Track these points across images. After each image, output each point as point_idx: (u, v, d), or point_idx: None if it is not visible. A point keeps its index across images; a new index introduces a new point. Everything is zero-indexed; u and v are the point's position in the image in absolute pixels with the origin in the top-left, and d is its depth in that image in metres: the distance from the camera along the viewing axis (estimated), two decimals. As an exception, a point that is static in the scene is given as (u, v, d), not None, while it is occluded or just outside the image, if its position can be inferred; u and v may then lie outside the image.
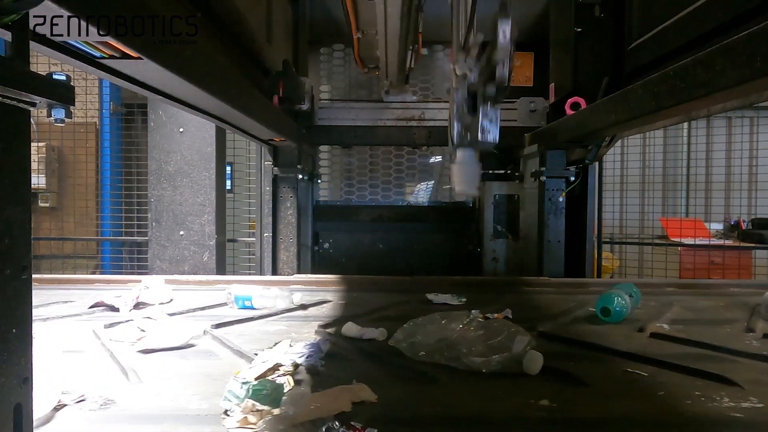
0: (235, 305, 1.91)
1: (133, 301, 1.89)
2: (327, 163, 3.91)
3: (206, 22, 1.83)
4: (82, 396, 1.10)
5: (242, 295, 1.91)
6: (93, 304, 1.90)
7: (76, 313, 1.84)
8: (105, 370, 1.29)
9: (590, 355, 1.45)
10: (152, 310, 1.83)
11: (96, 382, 1.20)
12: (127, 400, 1.11)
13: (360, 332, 1.57)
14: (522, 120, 3.23)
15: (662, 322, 1.76)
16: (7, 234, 0.70)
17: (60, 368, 1.27)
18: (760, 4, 1.44)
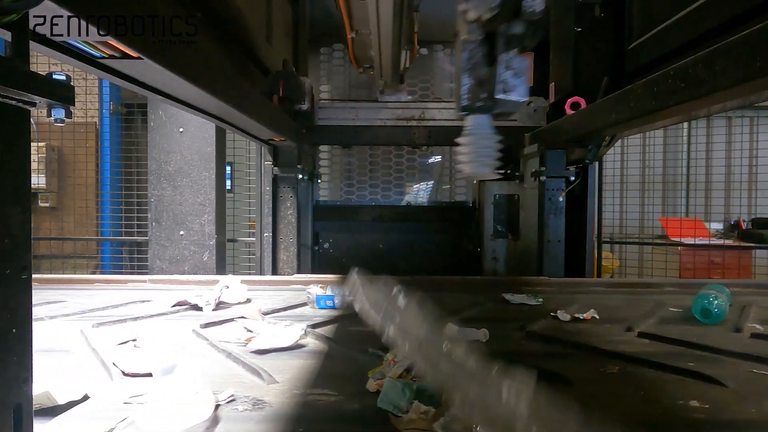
0: (316, 305, 1.91)
1: (215, 301, 1.89)
2: (327, 163, 3.91)
3: (206, 22, 1.83)
4: (232, 396, 1.09)
5: (325, 295, 1.92)
6: (176, 303, 1.91)
7: (161, 312, 1.84)
8: (233, 371, 1.27)
9: (710, 357, 1.40)
10: (247, 310, 1.80)
11: (230, 381, 1.19)
12: (275, 400, 1.10)
13: (463, 334, 1.51)
14: (522, 120, 3.23)
15: (752, 322, 1.72)
16: (7, 234, 0.70)
17: (187, 367, 1.25)
18: (760, 3, 1.44)
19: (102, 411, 1.02)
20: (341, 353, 1.43)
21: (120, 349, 1.39)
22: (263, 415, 1.03)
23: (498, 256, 3.43)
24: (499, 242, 3.42)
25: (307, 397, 1.12)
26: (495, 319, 1.69)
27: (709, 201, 6.40)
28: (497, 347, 1.47)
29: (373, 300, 1.18)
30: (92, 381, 1.17)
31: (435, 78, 3.79)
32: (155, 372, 1.15)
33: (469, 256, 3.55)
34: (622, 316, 1.80)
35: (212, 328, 1.62)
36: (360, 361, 1.34)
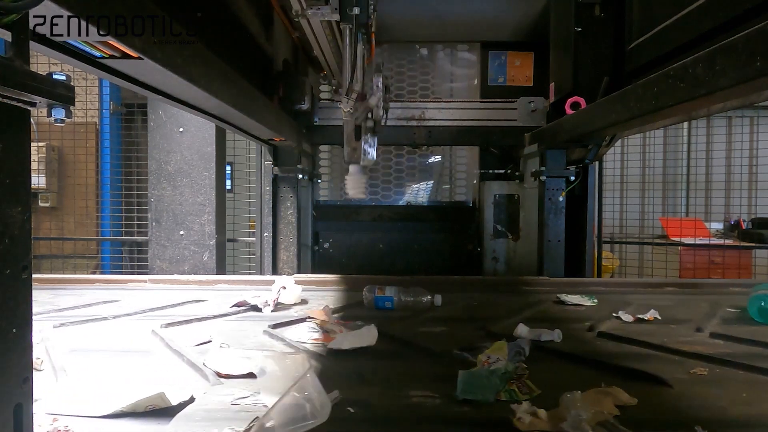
0: (375, 306, 1.93)
1: (274, 302, 1.90)
2: (327, 163, 3.91)
3: (206, 21, 1.83)
4: (336, 396, 1.08)
5: (384, 296, 1.93)
6: (235, 303, 1.93)
7: (223, 313, 1.85)
8: (325, 372, 1.27)
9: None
10: (315, 311, 1.80)
11: (335, 384, 1.18)
12: (379, 402, 1.09)
13: (536, 334, 1.52)
14: (522, 120, 3.23)
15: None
16: (7, 234, 0.70)
17: (275, 368, 1.26)
18: (760, 3, 1.44)
19: (213, 412, 1.02)
20: (414, 354, 1.42)
21: (204, 350, 1.39)
22: (370, 416, 1.02)
23: (498, 256, 3.43)
24: (499, 242, 3.42)
25: (410, 399, 1.11)
26: (557, 320, 1.69)
27: (709, 201, 6.40)
28: (574, 347, 1.46)
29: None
30: (190, 382, 1.18)
31: (435, 78, 3.79)
32: (256, 372, 1.17)
33: (469, 256, 3.55)
34: (683, 317, 1.80)
35: (283, 329, 1.63)
36: (443, 362, 1.34)
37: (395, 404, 1.09)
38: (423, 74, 3.78)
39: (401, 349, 1.47)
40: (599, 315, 1.84)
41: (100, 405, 1.02)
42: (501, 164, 3.55)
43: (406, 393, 1.14)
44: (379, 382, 1.20)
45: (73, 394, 1.07)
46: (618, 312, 1.82)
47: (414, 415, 1.04)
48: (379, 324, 1.56)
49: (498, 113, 3.28)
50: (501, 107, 3.28)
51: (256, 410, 1.02)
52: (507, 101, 3.27)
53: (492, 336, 1.55)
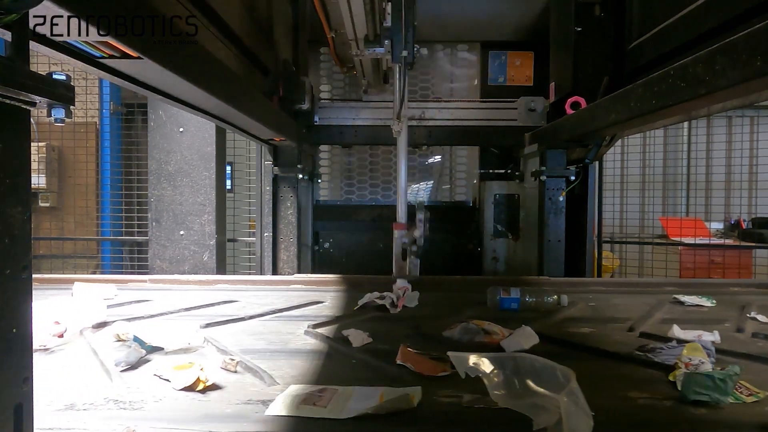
0: (500, 306, 1.90)
1: (400, 303, 1.89)
2: (327, 162, 3.91)
3: (206, 22, 1.83)
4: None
5: (510, 297, 1.91)
6: (362, 303, 1.91)
7: (342, 314, 1.83)
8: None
9: None
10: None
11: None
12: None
13: (693, 335, 1.49)
14: (522, 119, 3.23)
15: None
16: (7, 234, 0.70)
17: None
18: (760, 3, 1.44)
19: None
20: (589, 355, 1.39)
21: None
22: (604, 419, 0.99)
23: (498, 255, 3.43)
24: (499, 242, 3.42)
25: (634, 401, 1.08)
26: (697, 321, 1.66)
27: (709, 201, 6.40)
28: (740, 347, 1.42)
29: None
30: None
31: (435, 78, 3.79)
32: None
33: (469, 255, 3.55)
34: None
35: (451, 331, 1.58)
36: (628, 362, 1.31)
37: (621, 406, 1.06)
38: (423, 74, 3.78)
39: (570, 350, 1.43)
40: (729, 315, 1.80)
41: (337, 407, 1.01)
42: (501, 164, 3.55)
43: (624, 394, 1.11)
44: (586, 384, 1.14)
45: (299, 398, 1.06)
46: (750, 312, 1.79)
47: (648, 417, 1.02)
48: (517, 326, 1.55)
49: (498, 113, 3.28)
50: (501, 107, 3.28)
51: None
52: (507, 101, 3.27)
53: (647, 337, 1.53)
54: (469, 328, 1.52)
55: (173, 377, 1.15)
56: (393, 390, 1.09)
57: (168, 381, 1.16)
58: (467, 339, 1.48)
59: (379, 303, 1.89)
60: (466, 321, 1.58)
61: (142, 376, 1.21)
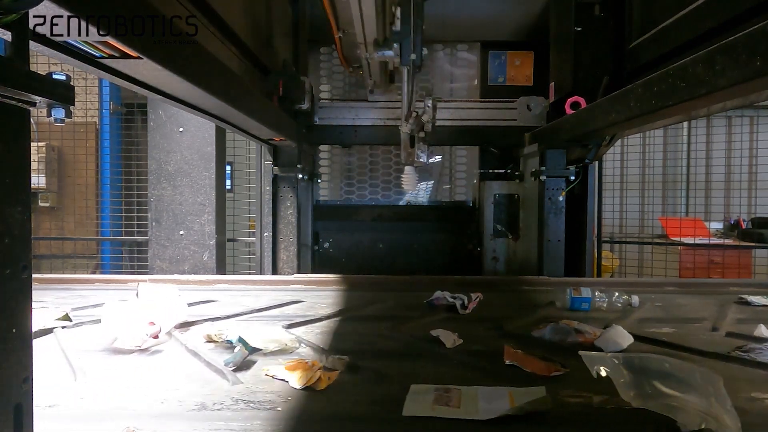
0: (570, 306, 1.89)
1: (471, 306, 1.89)
2: (327, 162, 3.91)
3: (206, 22, 1.83)
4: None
5: (581, 297, 1.89)
6: (433, 298, 1.91)
7: (413, 315, 1.83)
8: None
9: None
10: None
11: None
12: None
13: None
14: (522, 119, 3.23)
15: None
16: (7, 234, 0.70)
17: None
18: (760, 3, 1.44)
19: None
20: (693, 356, 1.37)
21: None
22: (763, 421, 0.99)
23: (498, 255, 3.43)
24: (499, 242, 3.42)
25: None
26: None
27: (709, 200, 6.40)
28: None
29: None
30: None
31: (435, 78, 3.79)
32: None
33: (469, 255, 3.55)
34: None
35: (542, 331, 1.57)
36: (733, 363, 1.30)
37: (752, 407, 1.04)
38: (423, 74, 3.78)
39: (668, 350, 1.40)
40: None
41: (470, 408, 1.00)
42: (501, 164, 3.55)
43: (748, 395, 1.09)
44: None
45: (429, 398, 1.07)
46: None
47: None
48: (596, 326, 1.53)
49: (498, 113, 3.28)
50: (501, 107, 3.28)
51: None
52: (507, 101, 3.27)
53: (735, 336, 1.51)
54: (560, 327, 1.51)
55: (290, 377, 1.15)
56: (523, 390, 1.07)
57: (285, 381, 1.16)
58: (559, 338, 1.47)
59: (450, 302, 1.87)
60: (556, 321, 1.57)
61: (255, 376, 1.21)
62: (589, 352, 1.08)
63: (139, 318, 1.44)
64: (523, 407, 0.98)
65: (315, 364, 1.20)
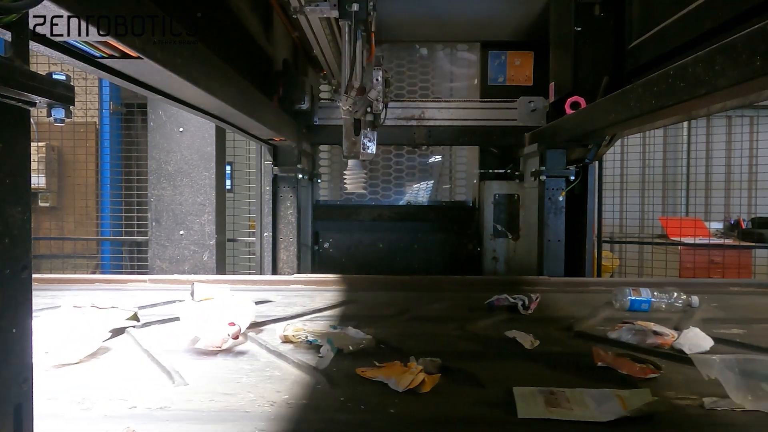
0: (629, 308, 1.88)
1: (533, 306, 1.88)
2: (327, 162, 3.91)
3: (206, 22, 1.83)
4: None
5: (640, 298, 1.88)
6: (494, 299, 1.90)
7: (472, 315, 1.82)
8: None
9: None
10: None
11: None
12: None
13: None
14: (522, 119, 3.23)
15: None
16: (7, 234, 0.70)
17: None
18: (760, 3, 1.44)
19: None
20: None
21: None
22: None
23: (498, 255, 3.43)
24: (499, 242, 3.42)
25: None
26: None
27: (709, 200, 6.40)
28: None
29: None
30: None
31: (435, 78, 3.79)
32: None
33: (469, 255, 3.55)
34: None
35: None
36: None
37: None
38: (423, 74, 3.78)
39: (751, 352, 1.40)
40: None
41: (584, 410, 1.00)
42: (501, 164, 3.55)
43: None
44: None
45: (540, 400, 1.06)
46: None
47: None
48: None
49: (498, 113, 3.28)
50: (501, 107, 3.28)
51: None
52: (507, 101, 3.27)
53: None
54: (637, 329, 1.50)
55: (390, 379, 1.15)
56: (628, 392, 1.06)
57: (383, 383, 1.15)
58: (637, 340, 1.46)
59: (511, 303, 1.86)
60: (631, 323, 1.56)
61: (349, 377, 1.21)
62: (701, 355, 1.09)
63: (217, 318, 1.45)
64: (641, 409, 0.97)
65: (411, 366, 1.19)
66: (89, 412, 1.03)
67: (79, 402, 1.07)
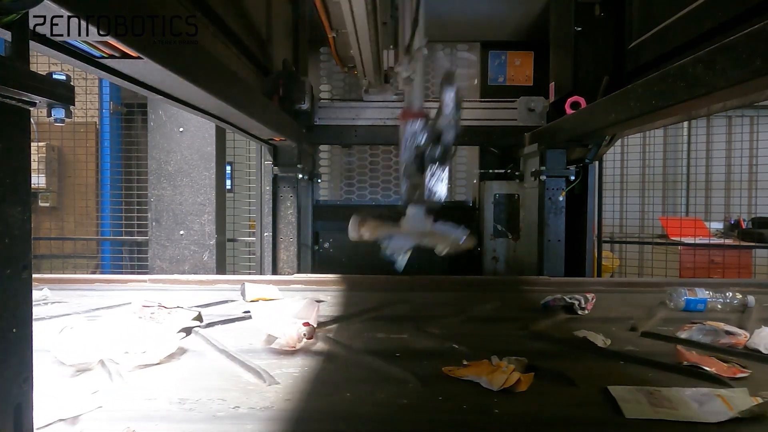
0: (684, 308, 1.87)
1: (589, 306, 1.87)
2: (327, 162, 3.91)
3: (206, 22, 1.83)
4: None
5: (696, 298, 1.87)
6: (550, 299, 1.90)
7: (529, 315, 1.81)
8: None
9: None
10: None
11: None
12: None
13: None
14: (522, 119, 3.23)
15: None
16: (7, 234, 0.70)
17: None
18: (760, 3, 1.44)
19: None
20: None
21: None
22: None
23: (498, 255, 3.43)
24: (499, 242, 3.42)
25: None
26: None
27: (709, 200, 6.40)
28: None
29: None
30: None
31: (435, 78, 3.78)
32: None
33: (469, 255, 3.55)
34: None
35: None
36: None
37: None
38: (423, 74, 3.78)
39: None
40: None
41: (689, 411, 0.99)
42: (501, 164, 3.55)
43: None
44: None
45: (642, 401, 1.05)
46: None
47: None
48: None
49: (498, 113, 3.28)
50: (501, 107, 3.28)
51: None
52: (507, 101, 3.27)
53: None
54: (708, 329, 1.50)
55: (482, 379, 1.14)
56: (725, 392, 1.05)
57: (474, 382, 1.14)
58: (710, 340, 1.45)
59: (568, 303, 1.85)
60: (700, 322, 1.55)
61: (437, 377, 1.20)
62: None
63: (290, 318, 1.45)
64: (751, 410, 0.95)
65: (501, 365, 1.18)
66: (193, 413, 1.01)
67: (178, 402, 1.06)
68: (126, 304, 1.90)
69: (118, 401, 1.06)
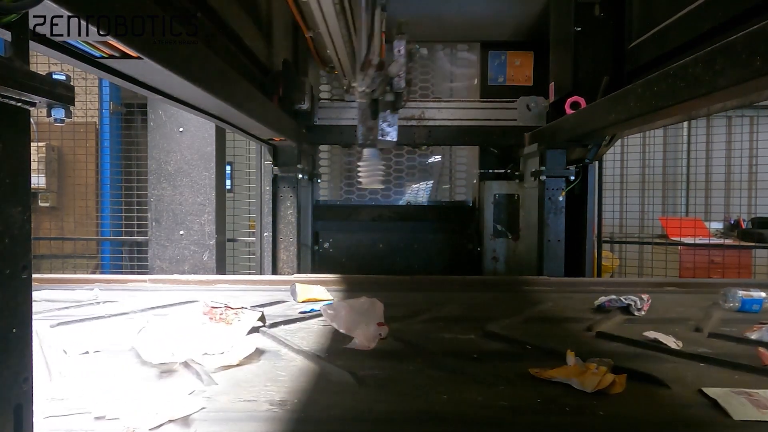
0: (740, 308, 1.87)
1: (645, 308, 1.87)
2: (327, 162, 3.91)
3: (206, 21, 1.83)
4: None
5: (752, 299, 1.86)
6: (606, 301, 1.89)
7: (580, 316, 1.81)
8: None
9: None
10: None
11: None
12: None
13: None
14: (522, 119, 3.23)
15: None
16: (7, 234, 0.70)
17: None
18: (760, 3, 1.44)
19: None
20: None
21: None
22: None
23: (498, 255, 3.43)
24: (499, 242, 3.42)
25: None
26: None
27: (709, 200, 6.40)
28: None
29: None
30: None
31: (435, 78, 3.79)
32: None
33: (469, 255, 3.55)
34: None
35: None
36: None
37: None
38: (423, 74, 3.78)
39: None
40: None
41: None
42: (501, 164, 3.55)
43: None
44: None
45: (745, 401, 1.05)
46: None
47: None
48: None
49: (498, 113, 3.28)
50: (501, 107, 3.28)
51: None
52: (507, 101, 3.28)
53: None
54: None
55: (574, 380, 1.12)
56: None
57: (565, 383, 1.13)
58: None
59: (624, 304, 1.84)
60: (762, 324, 1.55)
61: (521, 377, 1.19)
62: None
63: (362, 319, 1.45)
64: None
65: (591, 367, 1.16)
66: (296, 414, 1.00)
67: (279, 404, 1.04)
68: (178, 303, 1.91)
69: (217, 402, 1.05)
